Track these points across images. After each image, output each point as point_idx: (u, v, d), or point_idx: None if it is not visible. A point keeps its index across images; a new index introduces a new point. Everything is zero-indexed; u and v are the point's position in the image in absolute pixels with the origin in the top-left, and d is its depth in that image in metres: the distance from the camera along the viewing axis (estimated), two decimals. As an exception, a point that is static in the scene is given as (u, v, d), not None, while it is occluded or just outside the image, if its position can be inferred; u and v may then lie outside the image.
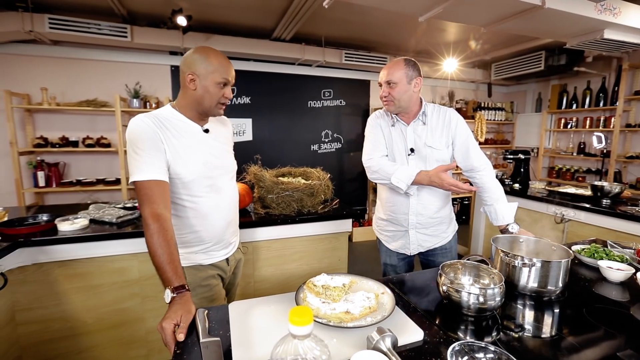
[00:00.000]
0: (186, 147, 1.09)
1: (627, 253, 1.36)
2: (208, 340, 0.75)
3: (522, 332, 0.87)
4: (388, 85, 1.41)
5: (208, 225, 1.17)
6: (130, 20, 3.11)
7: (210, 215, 1.16)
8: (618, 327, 0.89)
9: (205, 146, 1.15)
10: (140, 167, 1.00)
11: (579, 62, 3.84)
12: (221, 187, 1.19)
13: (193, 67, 1.06)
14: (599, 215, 2.37)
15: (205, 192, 1.14)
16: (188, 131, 1.12)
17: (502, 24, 2.18)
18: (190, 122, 1.13)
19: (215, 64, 1.07)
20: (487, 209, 1.52)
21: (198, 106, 1.11)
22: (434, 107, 1.52)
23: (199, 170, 1.11)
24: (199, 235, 1.16)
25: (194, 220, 1.14)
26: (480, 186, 1.52)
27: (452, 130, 1.47)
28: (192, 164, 1.10)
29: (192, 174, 1.09)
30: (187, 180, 1.09)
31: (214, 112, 1.13)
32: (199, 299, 1.17)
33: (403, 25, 3.19)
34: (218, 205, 1.18)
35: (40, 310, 1.61)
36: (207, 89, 1.08)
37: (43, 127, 3.25)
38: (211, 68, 1.07)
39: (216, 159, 1.18)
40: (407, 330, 0.82)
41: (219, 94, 1.09)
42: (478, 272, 1.02)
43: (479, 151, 1.50)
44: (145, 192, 0.99)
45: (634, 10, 2.30)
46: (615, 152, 3.81)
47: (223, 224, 1.21)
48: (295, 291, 0.95)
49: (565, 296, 1.06)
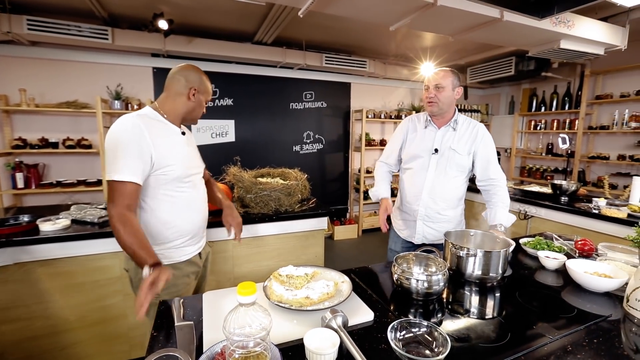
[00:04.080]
0: (170, 146, 1.22)
1: (567, 245, 1.52)
2: (182, 324, 0.85)
3: (461, 313, 1.00)
4: (436, 88, 1.57)
5: (188, 218, 1.29)
6: (112, 22, 3.13)
7: (190, 209, 1.29)
8: (541, 306, 1.03)
9: (184, 146, 1.29)
10: (121, 169, 1.09)
11: (547, 67, 4.07)
12: (197, 184, 1.34)
13: (196, 83, 1.28)
14: (557, 212, 2.57)
15: (187, 187, 1.27)
16: (170, 132, 1.26)
17: (468, 34, 2.34)
18: (170, 124, 1.28)
19: (209, 87, 1.34)
20: (488, 212, 1.65)
21: (187, 114, 1.31)
22: (466, 119, 1.69)
23: (182, 167, 1.24)
24: (179, 229, 1.27)
25: (176, 214, 1.25)
26: (493, 194, 1.64)
27: (477, 142, 1.63)
28: (176, 161, 1.22)
29: (176, 171, 1.21)
30: (173, 176, 1.21)
31: (196, 120, 1.36)
32: (170, 294, 1.25)
33: (381, 30, 3.32)
34: (196, 200, 1.32)
35: (23, 309, 1.65)
36: (200, 103, 1.32)
37: (22, 128, 3.23)
38: (207, 89, 1.33)
39: (192, 159, 1.33)
40: (359, 313, 0.94)
41: (203, 108, 1.35)
42: (427, 262, 1.15)
43: (498, 166, 1.66)
44: (120, 193, 1.09)
45: (587, 23, 2.50)
46: (579, 152, 4.08)
47: (200, 218, 1.35)
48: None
49: (505, 282, 1.21)
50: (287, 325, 0.87)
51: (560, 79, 4.27)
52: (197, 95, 1.28)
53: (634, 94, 3.54)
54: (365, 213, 4.82)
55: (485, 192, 1.69)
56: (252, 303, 0.55)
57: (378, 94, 4.89)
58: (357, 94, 4.73)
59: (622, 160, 3.64)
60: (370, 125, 4.84)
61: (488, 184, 1.65)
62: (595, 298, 1.09)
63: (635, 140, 3.62)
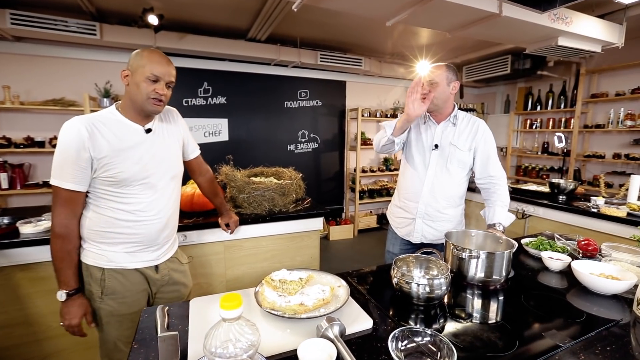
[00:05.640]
0: (120, 147, 1.09)
1: (570, 245, 1.48)
2: (165, 334, 0.78)
3: (465, 318, 0.95)
4: (430, 84, 1.51)
5: (139, 224, 1.15)
6: (100, 17, 3.03)
7: (141, 214, 1.14)
8: (547, 310, 0.98)
9: (145, 146, 1.14)
10: (62, 175, 1.04)
11: (542, 66, 4.06)
12: (158, 187, 1.17)
13: (129, 65, 1.10)
14: (555, 211, 2.54)
15: (139, 190, 1.12)
16: (126, 132, 1.11)
17: (465, 30, 2.29)
18: (130, 122, 1.13)
19: (145, 60, 1.08)
20: (486, 210, 1.59)
21: (133, 103, 1.11)
22: (466, 115, 1.62)
23: (133, 169, 1.10)
24: (126, 234, 1.14)
25: (123, 218, 1.12)
26: (492, 192, 1.58)
27: (478, 138, 1.57)
28: (125, 164, 1.09)
29: (124, 174, 1.08)
30: (119, 179, 1.08)
31: (147, 107, 1.11)
32: (118, 303, 1.15)
33: (377, 28, 3.27)
34: (151, 205, 1.16)
35: (2, 316, 1.56)
36: (137, 84, 1.08)
37: (6, 126, 3.12)
38: (141, 63, 1.08)
39: (153, 159, 1.16)
40: (358, 320, 0.88)
41: (148, 89, 1.08)
42: (428, 264, 1.10)
43: (498, 163, 1.60)
44: (62, 199, 1.06)
45: (584, 20, 2.48)
46: (575, 151, 4.07)
47: (156, 226, 1.18)
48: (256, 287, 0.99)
49: (509, 284, 1.16)
50: (279, 335, 0.80)
51: (555, 78, 4.26)
52: (130, 77, 1.09)
53: (629, 92, 3.54)
54: (361, 213, 4.77)
55: (484, 191, 1.64)
56: (237, 318, 0.49)
57: (374, 92, 4.84)
58: (353, 93, 4.68)
59: (617, 159, 3.64)
60: (366, 124, 4.79)
61: (487, 182, 1.60)
62: (602, 301, 1.04)
63: (630, 138, 3.62)
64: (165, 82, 1.11)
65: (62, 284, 1.09)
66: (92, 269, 1.12)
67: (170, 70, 1.13)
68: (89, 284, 1.13)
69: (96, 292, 1.13)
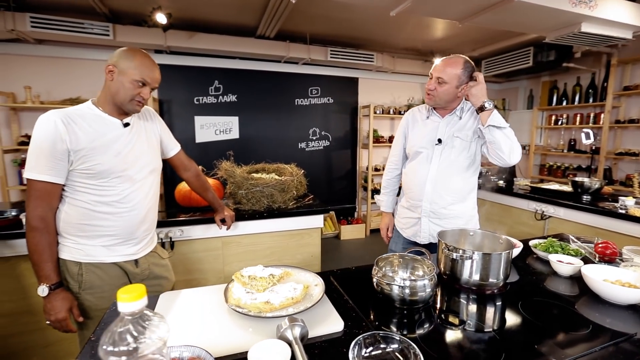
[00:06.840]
0: (98, 139, 1.08)
1: (586, 247, 1.34)
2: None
3: (451, 325, 0.86)
4: (437, 80, 1.40)
5: (117, 216, 1.14)
6: (113, 18, 3.12)
7: (119, 206, 1.14)
8: (547, 320, 0.87)
9: (123, 139, 1.14)
10: (38, 167, 1.03)
11: (568, 57, 3.79)
12: (136, 179, 1.17)
13: (115, 61, 1.10)
14: (578, 212, 2.34)
15: (116, 182, 1.12)
16: (103, 125, 1.11)
17: (475, 18, 2.16)
18: (107, 116, 1.13)
19: (136, 63, 1.10)
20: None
21: (113, 99, 1.12)
22: (472, 107, 1.48)
23: (111, 162, 1.10)
24: (104, 226, 1.13)
25: (100, 210, 1.12)
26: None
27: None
28: (104, 156, 1.09)
29: (102, 166, 1.08)
30: (97, 171, 1.08)
31: (127, 107, 1.13)
32: (96, 297, 1.15)
33: (389, 22, 3.16)
34: (129, 197, 1.15)
35: (8, 304, 1.62)
36: (123, 84, 1.09)
37: (29, 125, 3.27)
38: (132, 65, 1.09)
39: (132, 152, 1.16)
40: (327, 322, 0.81)
41: (134, 91, 1.11)
42: (415, 264, 1.01)
43: None
44: (37, 192, 1.04)
45: (612, 3, 2.26)
46: (605, 148, 3.76)
47: (134, 219, 1.18)
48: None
49: (508, 289, 1.05)
50: (240, 334, 0.76)
51: (583, 70, 3.96)
52: (115, 74, 1.09)
53: (668, 83, 3.23)
54: (373, 212, 4.65)
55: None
56: (138, 312, 0.44)
57: (387, 88, 4.71)
58: (365, 89, 4.57)
59: (654, 157, 3.33)
60: (379, 122, 4.68)
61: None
62: (616, 312, 0.92)
63: (669, 134, 3.31)
64: (151, 87, 1.15)
65: (42, 278, 1.06)
66: (68, 264, 1.12)
67: (158, 76, 1.17)
68: (66, 280, 1.12)
69: (73, 287, 1.12)
